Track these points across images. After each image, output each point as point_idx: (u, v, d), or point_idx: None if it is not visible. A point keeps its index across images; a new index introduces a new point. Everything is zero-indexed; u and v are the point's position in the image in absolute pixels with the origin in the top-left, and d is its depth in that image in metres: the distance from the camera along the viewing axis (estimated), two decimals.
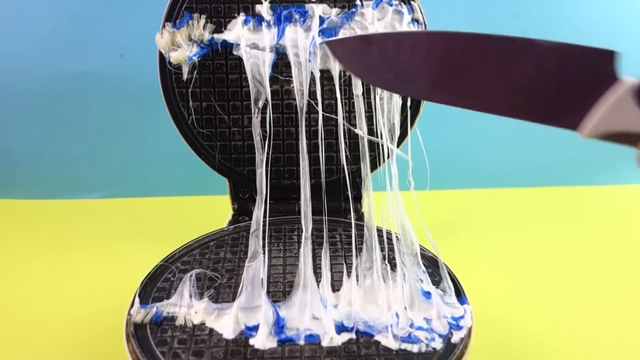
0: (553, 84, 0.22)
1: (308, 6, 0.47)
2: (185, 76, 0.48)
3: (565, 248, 0.62)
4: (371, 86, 0.46)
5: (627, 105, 0.21)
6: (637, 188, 0.78)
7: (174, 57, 0.46)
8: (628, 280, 0.56)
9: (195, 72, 0.49)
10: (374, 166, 0.49)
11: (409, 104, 0.50)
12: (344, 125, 0.48)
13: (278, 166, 0.53)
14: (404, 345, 0.35)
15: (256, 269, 0.40)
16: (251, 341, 0.35)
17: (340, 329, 0.36)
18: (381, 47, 0.24)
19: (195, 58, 0.47)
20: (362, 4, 0.47)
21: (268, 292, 0.39)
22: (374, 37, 0.25)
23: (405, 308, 0.38)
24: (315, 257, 0.44)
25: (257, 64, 0.45)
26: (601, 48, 0.22)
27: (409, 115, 0.50)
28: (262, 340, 0.35)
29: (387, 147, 0.44)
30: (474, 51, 0.23)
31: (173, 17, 0.48)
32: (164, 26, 0.47)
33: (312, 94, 0.46)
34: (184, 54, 0.47)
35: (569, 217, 0.70)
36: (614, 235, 0.66)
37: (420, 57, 0.24)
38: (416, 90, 0.27)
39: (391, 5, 0.47)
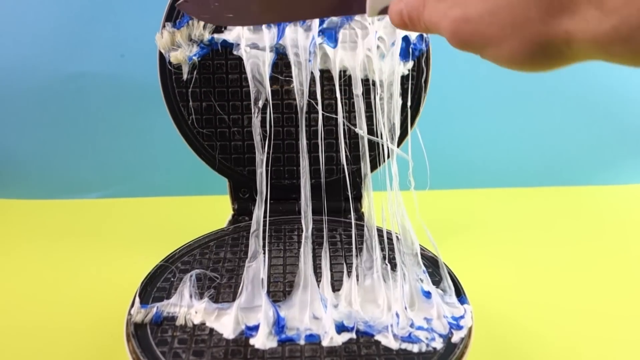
0: None
1: None
2: (185, 76, 0.48)
3: (565, 248, 0.62)
4: (371, 86, 0.46)
5: None
6: (637, 188, 0.78)
7: (174, 56, 0.46)
8: (628, 280, 0.56)
9: (195, 72, 0.49)
10: (374, 166, 0.49)
11: (409, 103, 0.50)
12: (344, 125, 0.48)
13: (278, 166, 0.53)
14: (404, 345, 0.35)
15: (256, 269, 0.40)
16: (251, 341, 0.35)
17: (341, 328, 0.36)
18: None
19: (195, 58, 0.47)
20: None
21: (268, 292, 0.39)
22: None
23: (406, 308, 0.38)
24: (316, 257, 0.44)
25: (257, 64, 0.45)
26: None
27: (409, 115, 0.50)
28: (263, 340, 0.35)
29: (387, 147, 0.44)
30: None
31: (173, 17, 0.48)
32: (164, 26, 0.47)
33: (312, 94, 0.46)
34: (184, 53, 0.47)
35: (569, 217, 0.70)
36: (614, 235, 0.66)
37: None
38: (252, 19, 0.36)
39: None
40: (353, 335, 0.36)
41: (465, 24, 0.24)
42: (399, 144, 0.47)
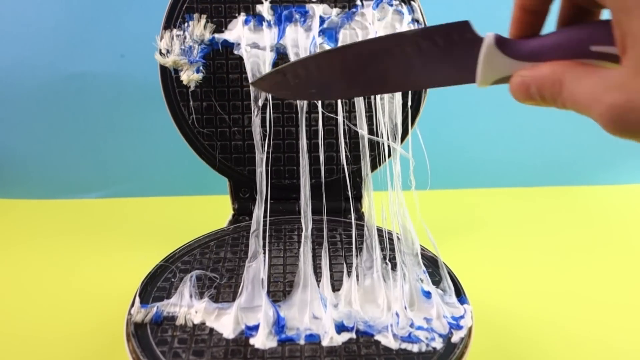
0: (437, 57, 0.27)
1: (308, 6, 0.47)
2: (193, 87, 0.48)
3: (565, 248, 0.62)
4: None
5: (495, 54, 0.26)
6: (637, 188, 0.78)
7: (186, 76, 0.47)
8: (628, 280, 0.56)
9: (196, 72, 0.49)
10: (374, 166, 0.49)
11: (409, 103, 0.50)
12: (344, 124, 0.48)
13: (278, 166, 0.53)
14: (404, 345, 0.35)
15: (256, 268, 0.40)
16: (251, 341, 0.35)
17: (341, 328, 0.36)
18: (294, 74, 0.29)
19: (200, 62, 0.47)
20: (362, 4, 0.47)
21: (268, 292, 0.39)
22: (285, 68, 0.29)
23: (405, 308, 0.38)
24: (316, 257, 0.44)
25: (258, 63, 0.45)
26: (455, 22, 0.27)
27: (409, 115, 0.50)
28: (263, 340, 0.35)
29: (388, 147, 0.44)
30: (364, 53, 0.28)
31: (173, 18, 0.48)
32: (164, 28, 0.47)
33: None
34: (185, 60, 0.47)
35: (569, 217, 0.70)
36: (614, 235, 0.66)
37: (326, 70, 0.29)
38: (336, 94, 0.34)
39: (391, 5, 0.47)
40: (353, 335, 0.36)
41: (630, 113, 0.20)
42: (400, 144, 0.47)
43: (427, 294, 0.39)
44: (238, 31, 0.47)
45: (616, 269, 0.58)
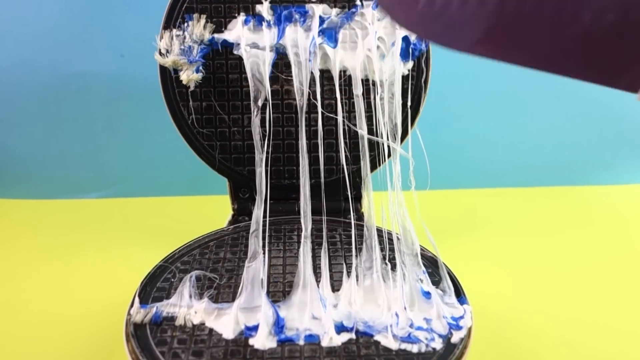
0: (611, 39, 0.20)
1: (308, 6, 0.47)
2: (192, 87, 0.48)
3: (565, 248, 0.62)
4: (371, 86, 0.46)
5: None
6: (637, 188, 0.78)
7: (186, 76, 0.47)
8: (628, 280, 0.56)
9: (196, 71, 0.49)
10: (373, 166, 0.49)
11: (409, 103, 0.50)
12: (343, 125, 0.48)
13: (278, 166, 0.53)
14: (404, 346, 0.35)
15: (256, 269, 0.40)
16: (251, 341, 0.35)
17: (340, 329, 0.36)
18: None
19: (200, 62, 0.47)
20: (362, 4, 0.47)
21: (268, 292, 0.39)
22: None
23: (405, 308, 0.38)
24: (315, 257, 0.44)
25: (257, 63, 0.45)
26: None
27: (409, 115, 0.50)
28: (262, 340, 0.35)
29: (388, 147, 0.44)
30: (529, 2, 0.21)
31: (173, 18, 0.48)
32: (164, 28, 0.47)
33: (312, 94, 0.46)
34: (184, 60, 0.47)
35: (569, 217, 0.70)
36: (614, 235, 0.65)
37: (471, 6, 0.22)
38: (464, 43, 0.25)
39: None
40: (352, 335, 0.36)
41: None
42: (400, 144, 0.47)
43: (427, 294, 0.39)
44: (238, 31, 0.47)
45: (616, 269, 0.58)
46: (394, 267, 0.41)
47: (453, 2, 0.22)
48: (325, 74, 0.49)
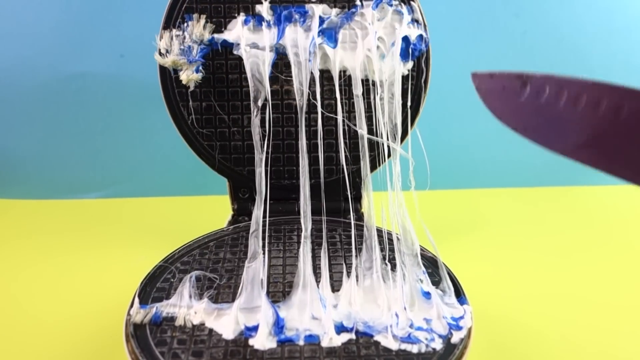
0: None
1: (308, 6, 0.47)
2: (192, 87, 0.48)
3: (565, 248, 0.62)
4: (371, 86, 0.46)
5: None
6: (637, 188, 0.78)
7: (185, 76, 0.47)
8: (628, 280, 0.56)
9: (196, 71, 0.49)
10: (373, 166, 0.49)
11: (409, 103, 0.50)
12: (343, 125, 0.48)
13: (278, 166, 0.53)
14: (404, 346, 0.35)
15: (256, 269, 0.40)
16: (251, 341, 0.35)
17: (340, 329, 0.36)
18: (539, 90, 0.22)
19: (199, 61, 0.47)
20: (362, 4, 0.47)
21: (268, 293, 0.39)
22: (533, 78, 0.21)
23: (405, 308, 0.38)
24: (315, 257, 0.44)
25: (257, 63, 0.45)
26: None
27: (409, 115, 0.50)
28: (262, 341, 0.35)
29: (387, 147, 0.44)
30: None
31: (173, 18, 0.48)
32: (164, 28, 0.47)
33: (311, 94, 0.46)
34: (184, 60, 0.47)
35: (569, 217, 0.70)
36: (614, 235, 0.65)
37: (582, 106, 0.21)
38: (565, 145, 0.23)
39: (391, 5, 0.47)
40: (352, 335, 0.36)
41: None
42: (400, 144, 0.47)
43: (427, 295, 0.39)
44: (237, 31, 0.47)
45: (616, 269, 0.58)
46: (393, 268, 0.41)
47: (562, 98, 0.21)
48: (325, 74, 0.49)
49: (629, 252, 0.61)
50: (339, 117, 0.45)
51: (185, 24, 0.47)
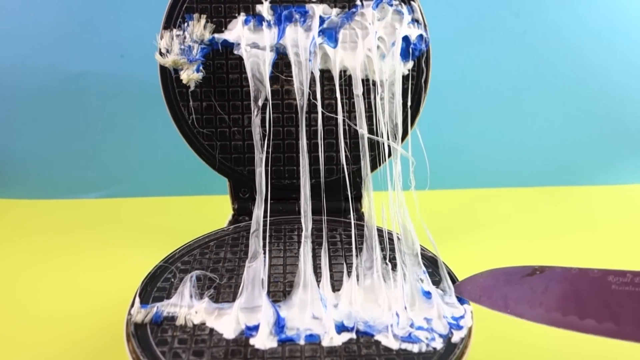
0: None
1: (308, 6, 0.47)
2: (192, 87, 0.48)
3: (565, 248, 0.62)
4: (371, 86, 0.46)
5: None
6: (637, 188, 0.78)
7: (185, 77, 0.47)
8: None
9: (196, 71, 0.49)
10: (374, 166, 0.49)
11: (409, 103, 0.50)
12: (344, 124, 0.48)
13: (278, 166, 0.53)
14: (405, 345, 0.35)
15: (256, 269, 0.40)
16: (251, 341, 0.35)
17: (341, 328, 0.36)
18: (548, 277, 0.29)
19: (199, 60, 0.47)
20: (362, 4, 0.47)
21: (268, 292, 0.39)
22: (547, 270, 0.29)
23: (406, 308, 0.38)
24: (316, 257, 0.44)
25: (257, 63, 0.45)
26: None
27: (409, 115, 0.50)
28: (263, 340, 0.35)
29: (388, 147, 0.44)
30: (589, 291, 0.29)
31: (173, 18, 0.48)
32: (164, 28, 0.47)
33: (312, 94, 0.46)
34: (185, 59, 0.47)
35: (570, 217, 0.70)
36: (614, 235, 0.65)
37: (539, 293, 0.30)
38: (536, 316, 0.33)
39: (391, 5, 0.47)
40: (353, 335, 0.36)
41: None
42: (400, 144, 0.47)
43: (427, 294, 0.39)
44: (238, 31, 0.47)
45: (616, 269, 0.58)
46: (394, 267, 0.41)
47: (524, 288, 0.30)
48: (326, 74, 0.49)
49: (629, 252, 0.61)
50: (339, 117, 0.45)
51: (186, 24, 0.47)
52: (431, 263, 0.44)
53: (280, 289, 0.41)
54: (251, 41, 0.46)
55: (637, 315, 0.29)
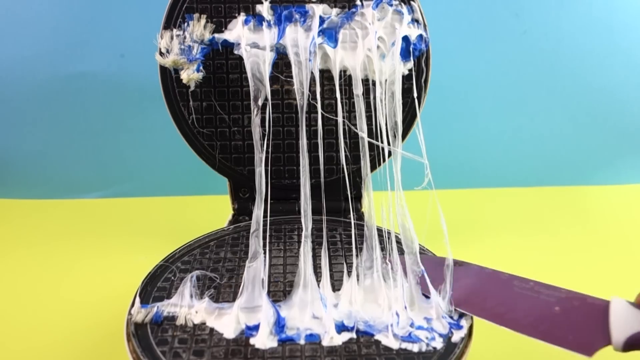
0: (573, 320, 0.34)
1: (308, 6, 0.47)
2: (192, 87, 0.48)
3: (565, 248, 0.62)
4: (371, 86, 0.46)
5: (629, 311, 0.30)
6: (637, 188, 0.78)
7: (185, 75, 0.47)
8: (628, 280, 0.56)
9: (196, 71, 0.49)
10: (373, 166, 0.49)
11: (409, 103, 0.50)
12: (344, 124, 0.48)
13: (278, 166, 0.53)
14: (405, 345, 0.35)
15: (257, 269, 0.40)
16: (252, 341, 0.35)
17: (341, 328, 0.36)
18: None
19: (199, 59, 0.47)
20: (362, 4, 0.47)
21: (268, 292, 0.39)
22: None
23: (406, 307, 0.38)
24: (316, 257, 0.44)
25: (257, 63, 0.45)
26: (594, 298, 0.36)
27: (409, 115, 0.50)
28: (263, 340, 0.35)
29: (389, 147, 0.44)
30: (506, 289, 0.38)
31: (173, 18, 0.48)
32: (164, 28, 0.47)
33: (312, 94, 0.46)
34: (184, 59, 0.47)
35: (569, 217, 0.70)
36: (614, 235, 0.66)
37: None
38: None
39: (391, 5, 0.47)
40: (353, 334, 0.36)
41: None
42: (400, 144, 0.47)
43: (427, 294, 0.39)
44: (238, 31, 0.47)
45: (616, 269, 0.58)
46: (394, 267, 0.41)
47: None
48: (326, 74, 0.49)
49: (629, 252, 0.62)
50: (339, 117, 0.45)
51: (186, 24, 0.47)
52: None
53: (281, 288, 0.41)
54: (251, 41, 0.46)
55: (528, 312, 0.36)
